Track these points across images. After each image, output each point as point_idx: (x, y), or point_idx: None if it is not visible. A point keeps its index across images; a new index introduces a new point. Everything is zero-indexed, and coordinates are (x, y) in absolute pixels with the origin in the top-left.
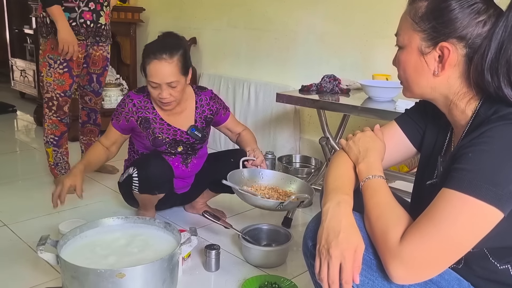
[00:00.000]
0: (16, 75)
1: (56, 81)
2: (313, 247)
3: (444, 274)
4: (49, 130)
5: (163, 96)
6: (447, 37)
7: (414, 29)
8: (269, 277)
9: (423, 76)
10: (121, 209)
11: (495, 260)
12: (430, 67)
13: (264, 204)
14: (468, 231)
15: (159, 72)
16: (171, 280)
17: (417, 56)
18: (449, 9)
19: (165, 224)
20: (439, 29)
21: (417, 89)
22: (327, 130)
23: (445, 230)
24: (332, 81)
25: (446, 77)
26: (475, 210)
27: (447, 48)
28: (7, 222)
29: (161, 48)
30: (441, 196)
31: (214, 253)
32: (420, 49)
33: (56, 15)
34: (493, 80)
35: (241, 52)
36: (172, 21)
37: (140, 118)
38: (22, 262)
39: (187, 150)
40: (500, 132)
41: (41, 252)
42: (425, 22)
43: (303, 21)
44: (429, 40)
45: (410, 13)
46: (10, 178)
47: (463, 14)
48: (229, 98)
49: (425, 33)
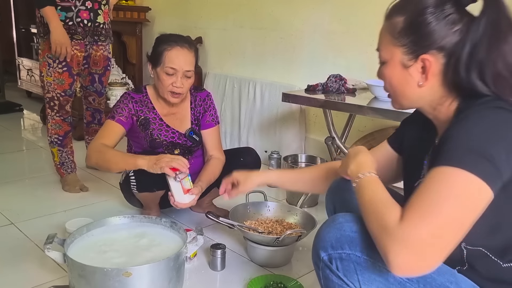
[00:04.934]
0: (22, 74)
1: (56, 80)
2: (328, 259)
3: (461, 283)
4: (52, 130)
5: (177, 85)
6: (427, 49)
7: (394, 44)
8: (274, 277)
9: (409, 88)
10: (127, 208)
11: (497, 259)
12: (415, 78)
13: (262, 239)
14: (463, 205)
15: (180, 58)
16: (177, 279)
17: (401, 70)
18: (426, 22)
19: (171, 223)
20: (418, 42)
21: (405, 100)
22: (333, 129)
23: (442, 206)
24: (338, 80)
25: (430, 86)
26: (466, 181)
27: (428, 60)
28: (14, 220)
29: (180, 38)
30: (432, 174)
31: (220, 253)
32: (403, 63)
33: (49, 16)
34: (467, 76)
35: (246, 52)
36: (178, 21)
37: (140, 118)
38: (29, 261)
39: (184, 153)
40: (478, 112)
41: (48, 250)
42: (403, 37)
43: (309, 20)
44: (410, 54)
45: (389, 29)
46: (17, 176)
47: (439, 26)
48: (234, 97)
49: (405, 47)
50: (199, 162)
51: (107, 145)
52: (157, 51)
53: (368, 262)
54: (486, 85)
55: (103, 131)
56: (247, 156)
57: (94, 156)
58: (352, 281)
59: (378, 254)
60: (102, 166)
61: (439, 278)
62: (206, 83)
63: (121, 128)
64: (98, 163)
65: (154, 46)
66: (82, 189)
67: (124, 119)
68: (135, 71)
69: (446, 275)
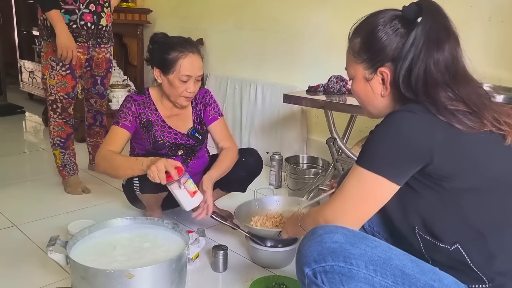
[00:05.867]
0: (24, 76)
1: (59, 83)
2: (312, 274)
3: (443, 280)
4: (55, 132)
5: (191, 90)
6: (382, 63)
7: (356, 62)
8: (276, 278)
9: (374, 99)
10: (129, 210)
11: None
12: (377, 90)
13: (266, 234)
14: (360, 189)
15: (195, 65)
16: (180, 281)
17: (364, 83)
18: (377, 39)
19: (173, 225)
20: (374, 57)
21: (374, 110)
22: (335, 130)
23: (345, 190)
24: (339, 81)
25: (391, 95)
26: (362, 175)
27: (385, 71)
28: (17, 222)
29: (188, 43)
30: None
31: (222, 254)
32: (365, 77)
33: (54, 19)
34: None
35: (247, 53)
36: (179, 23)
37: (143, 121)
38: (32, 263)
39: (187, 153)
40: (389, 116)
41: (51, 252)
42: (361, 54)
43: (310, 21)
44: (369, 68)
45: (350, 50)
46: (19, 178)
47: (390, 40)
48: (236, 99)
49: (364, 63)
50: (201, 163)
51: (114, 152)
52: (166, 58)
53: (352, 271)
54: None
55: (109, 137)
56: (249, 157)
57: (102, 164)
58: None
59: (361, 260)
60: (110, 174)
61: (423, 277)
62: (208, 85)
63: (127, 132)
64: (106, 170)
65: (158, 51)
66: (84, 191)
67: (128, 123)
68: (136, 73)
69: (429, 274)
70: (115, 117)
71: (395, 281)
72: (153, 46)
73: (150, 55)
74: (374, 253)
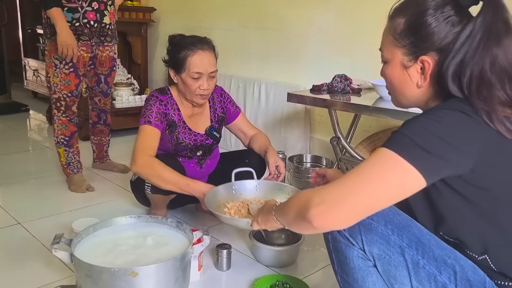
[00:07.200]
0: (29, 74)
1: (62, 81)
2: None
3: (460, 260)
4: (59, 130)
5: (205, 87)
6: (426, 51)
7: (395, 45)
8: (280, 277)
9: (408, 88)
10: (133, 208)
11: (469, 251)
12: (413, 79)
13: (236, 223)
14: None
15: (205, 61)
16: (184, 279)
17: (401, 70)
18: (426, 24)
19: (177, 224)
20: (418, 44)
21: (404, 99)
22: (338, 130)
23: (363, 170)
24: (343, 80)
25: (428, 86)
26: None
27: (427, 61)
28: (21, 220)
29: (199, 41)
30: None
31: (226, 253)
32: (403, 63)
33: (55, 17)
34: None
35: (251, 52)
36: (183, 21)
37: (170, 121)
38: (36, 260)
39: (204, 152)
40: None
41: (56, 250)
42: (404, 38)
43: (314, 20)
44: (410, 55)
45: (390, 30)
46: (23, 177)
47: (439, 28)
48: (239, 97)
49: (405, 48)
50: (214, 163)
51: (160, 163)
52: (178, 57)
53: (372, 224)
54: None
55: (145, 138)
56: (252, 158)
57: (145, 172)
58: (356, 241)
59: (382, 218)
60: (151, 180)
61: (438, 250)
62: None
63: (159, 132)
64: (148, 177)
65: (172, 52)
66: (88, 189)
67: (159, 122)
68: (140, 71)
69: (446, 251)
70: (144, 116)
71: (409, 245)
72: (169, 48)
73: (167, 57)
74: (396, 217)
